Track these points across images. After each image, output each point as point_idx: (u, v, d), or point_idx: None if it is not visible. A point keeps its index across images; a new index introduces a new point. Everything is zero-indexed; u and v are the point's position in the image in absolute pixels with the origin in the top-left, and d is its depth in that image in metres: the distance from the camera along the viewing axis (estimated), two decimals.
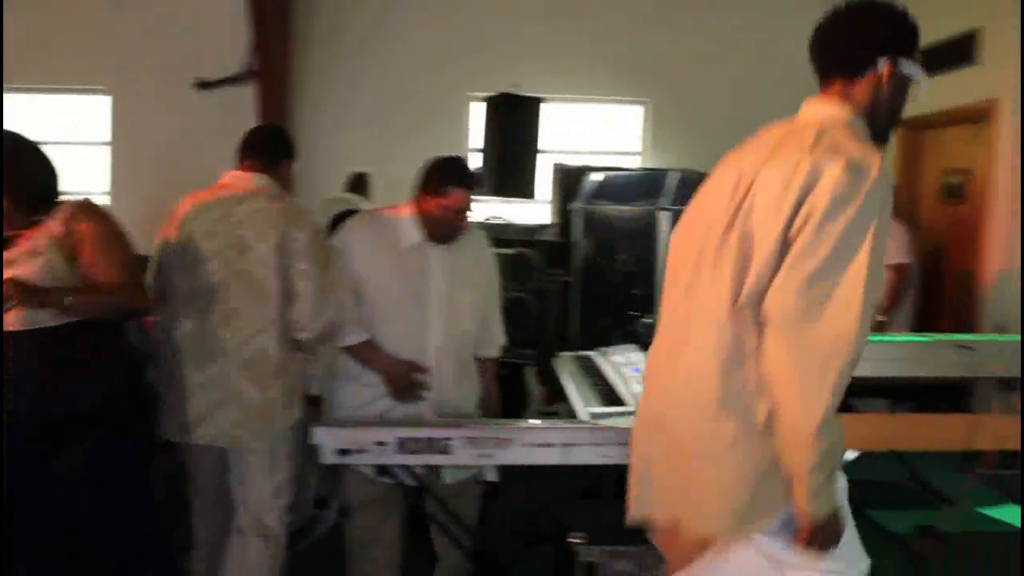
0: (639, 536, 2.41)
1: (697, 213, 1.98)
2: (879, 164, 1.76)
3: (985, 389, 4.17)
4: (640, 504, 1.98)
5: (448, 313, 2.81)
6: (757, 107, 7.37)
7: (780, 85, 7.52)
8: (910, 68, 1.91)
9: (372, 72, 7.34)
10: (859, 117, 1.89)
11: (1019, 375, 3.38)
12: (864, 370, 3.32)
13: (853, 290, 1.67)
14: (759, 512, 1.80)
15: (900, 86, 1.92)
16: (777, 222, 1.74)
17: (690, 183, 6.02)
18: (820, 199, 1.70)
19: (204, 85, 6.94)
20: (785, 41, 7.54)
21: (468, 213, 2.80)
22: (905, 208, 6.24)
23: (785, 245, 1.73)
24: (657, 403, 1.97)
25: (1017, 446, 3.58)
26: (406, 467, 2.68)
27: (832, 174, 1.71)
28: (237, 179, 2.79)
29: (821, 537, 1.74)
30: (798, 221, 1.72)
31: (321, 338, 2.76)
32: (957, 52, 5.62)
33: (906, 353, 3.39)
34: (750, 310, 1.77)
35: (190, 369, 2.68)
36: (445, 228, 2.77)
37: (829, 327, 1.67)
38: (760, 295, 1.75)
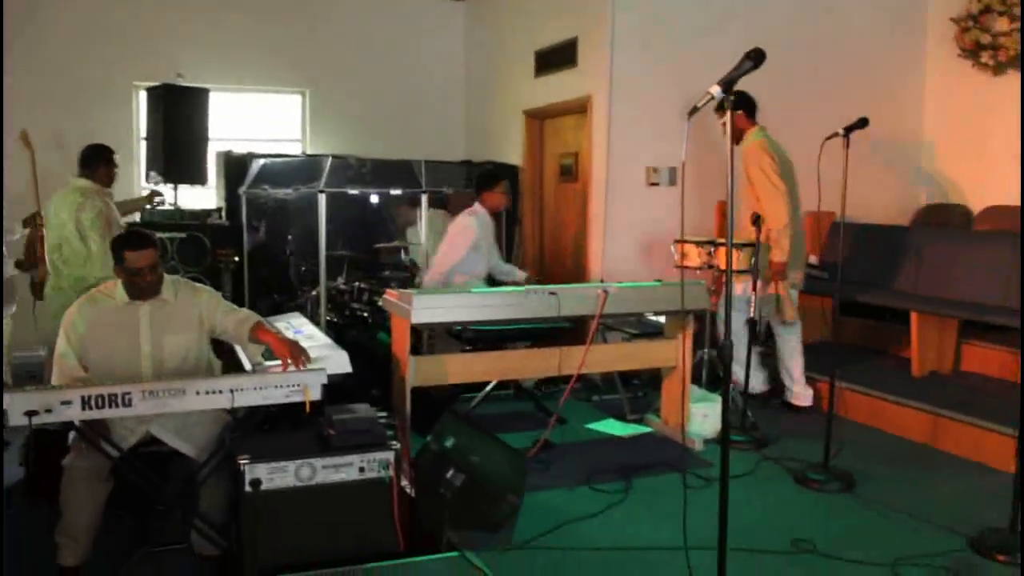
0: (297, 453, 2.99)
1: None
2: None
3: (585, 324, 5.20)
4: None
5: (155, 357, 3.35)
6: (404, 96, 8.17)
7: (426, 74, 8.37)
8: None
9: (28, 58, 7.16)
10: None
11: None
12: (480, 315, 4.18)
13: None
14: None
15: None
16: None
17: (343, 167, 6.69)
18: None
19: None
20: (427, 35, 8.39)
21: (151, 269, 3.28)
22: (531, 185, 7.36)
23: None
24: None
25: (592, 369, 4.68)
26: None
27: None
28: (71, 180, 4.77)
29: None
30: None
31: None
32: (564, 56, 6.73)
33: (510, 300, 4.26)
34: None
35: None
36: (136, 287, 3.31)
37: None
38: None
